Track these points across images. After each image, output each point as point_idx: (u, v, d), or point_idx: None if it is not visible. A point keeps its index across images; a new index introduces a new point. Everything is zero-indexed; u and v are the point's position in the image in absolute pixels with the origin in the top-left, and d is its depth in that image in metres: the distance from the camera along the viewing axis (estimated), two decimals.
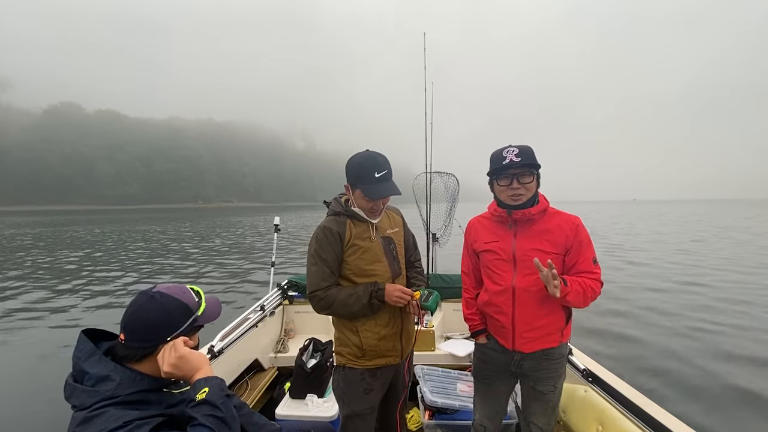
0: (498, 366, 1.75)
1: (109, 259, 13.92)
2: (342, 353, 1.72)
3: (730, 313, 6.55)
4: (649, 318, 6.38)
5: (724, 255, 13.10)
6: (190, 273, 11.37)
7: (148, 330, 1.00)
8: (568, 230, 1.60)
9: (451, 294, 3.49)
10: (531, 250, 1.60)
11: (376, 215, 1.67)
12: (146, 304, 1.02)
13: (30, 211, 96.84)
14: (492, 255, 1.69)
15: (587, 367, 2.20)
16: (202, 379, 0.98)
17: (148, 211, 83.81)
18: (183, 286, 1.12)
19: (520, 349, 1.66)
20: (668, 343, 5.27)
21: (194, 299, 1.11)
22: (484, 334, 1.81)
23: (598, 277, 1.60)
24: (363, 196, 1.60)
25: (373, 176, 1.56)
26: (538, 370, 1.67)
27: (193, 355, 1.01)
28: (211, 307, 1.14)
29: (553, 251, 1.59)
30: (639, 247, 15.59)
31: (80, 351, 0.98)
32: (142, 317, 1.01)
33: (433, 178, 3.79)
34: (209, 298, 1.17)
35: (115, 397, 0.90)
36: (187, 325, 1.05)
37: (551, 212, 1.66)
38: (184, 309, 1.06)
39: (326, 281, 1.62)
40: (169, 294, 1.06)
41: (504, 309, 1.66)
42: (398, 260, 1.76)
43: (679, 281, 9.11)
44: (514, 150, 1.57)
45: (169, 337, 1.02)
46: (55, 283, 9.86)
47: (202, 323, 1.11)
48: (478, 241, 1.75)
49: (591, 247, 1.63)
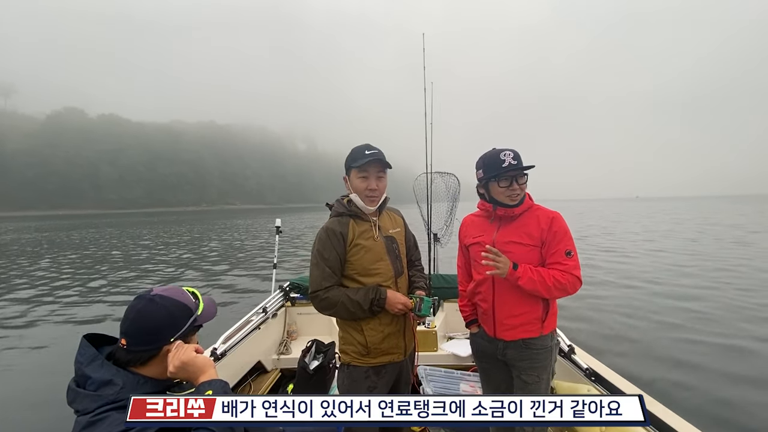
0: (487, 354, 1.87)
1: (114, 262, 13.99)
2: (347, 351, 1.76)
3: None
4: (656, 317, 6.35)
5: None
6: (190, 276, 11.41)
7: (151, 333, 1.01)
8: (543, 223, 1.71)
9: (453, 294, 3.48)
10: (508, 242, 1.73)
11: (373, 199, 1.70)
12: (147, 308, 1.03)
13: (34, 216, 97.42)
14: (477, 247, 1.81)
15: (590, 366, 2.20)
16: (206, 382, 1.00)
17: (152, 215, 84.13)
18: (179, 288, 1.14)
19: (501, 337, 1.77)
20: (672, 342, 5.24)
21: (192, 300, 1.12)
22: (475, 324, 1.95)
23: (569, 269, 1.65)
24: (357, 174, 1.67)
25: (363, 153, 1.65)
26: (521, 360, 1.75)
27: (199, 359, 1.04)
28: (208, 307, 1.16)
29: (529, 243, 1.71)
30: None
31: (82, 356, 0.99)
32: (144, 321, 1.02)
33: (434, 178, 3.78)
34: (205, 298, 1.19)
35: (118, 401, 0.91)
36: (188, 325, 1.07)
37: (534, 208, 1.78)
38: (185, 310, 1.08)
39: (327, 281, 1.65)
40: (168, 296, 1.07)
41: (486, 296, 1.80)
42: (401, 259, 1.81)
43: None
44: (509, 154, 1.70)
45: (173, 337, 1.03)
46: (56, 287, 9.92)
47: (201, 323, 1.13)
48: (468, 236, 1.92)
49: (565, 240, 1.70)
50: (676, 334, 5.51)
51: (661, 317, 6.24)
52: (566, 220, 1.78)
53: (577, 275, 1.67)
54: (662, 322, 5.98)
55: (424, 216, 3.84)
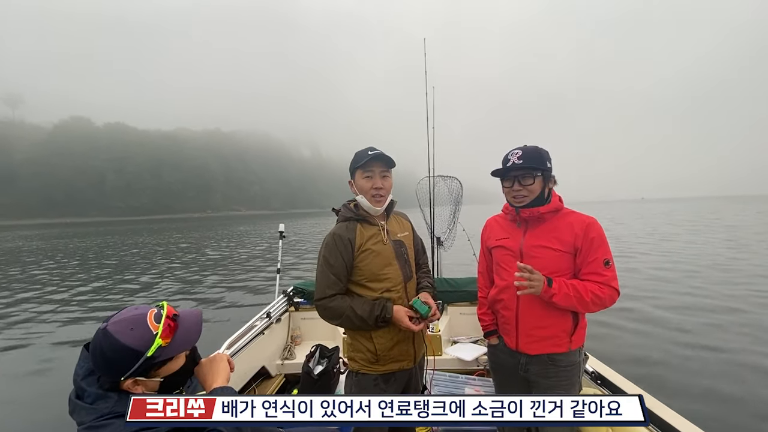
0: (507, 369, 1.76)
1: (122, 268, 14.10)
2: (355, 359, 1.72)
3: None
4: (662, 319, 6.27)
5: None
6: (195, 280, 11.46)
7: (103, 367, 0.96)
8: (578, 229, 1.57)
9: (457, 298, 3.48)
10: (537, 246, 1.61)
11: (379, 199, 1.67)
12: (97, 341, 0.96)
13: (41, 224, 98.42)
14: (502, 251, 1.72)
15: (596, 370, 2.18)
16: (218, 388, 1.02)
17: (158, 222, 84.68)
18: (136, 317, 0.98)
19: (524, 350, 1.66)
20: (676, 343, 5.18)
21: (147, 334, 0.95)
22: (495, 335, 1.82)
23: (607, 281, 1.53)
24: (362, 174, 1.65)
25: (366, 153, 1.64)
26: (546, 377, 1.63)
27: (220, 365, 1.09)
28: (182, 335, 1.02)
29: (560, 249, 1.58)
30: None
31: (80, 368, 0.99)
32: (95, 354, 0.96)
33: (437, 182, 3.80)
34: (187, 318, 1.05)
35: (114, 413, 0.91)
36: (137, 368, 0.94)
37: (565, 212, 1.65)
38: (125, 352, 0.93)
39: (331, 289, 1.62)
40: (112, 333, 0.94)
41: (509, 304, 1.68)
42: (409, 264, 1.78)
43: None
44: (517, 152, 1.62)
45: (123, 377, 0.94)
46: (61, 294, 10.00)
47: (165, 357, 0.98)
48: (491, 238, 1.80)
49: (602, 249, 1.56)
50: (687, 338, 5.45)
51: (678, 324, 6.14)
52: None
53: (615, 287, 1.54)
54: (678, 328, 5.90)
55: (427, 220, 3.85)
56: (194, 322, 1.06)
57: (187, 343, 1.03)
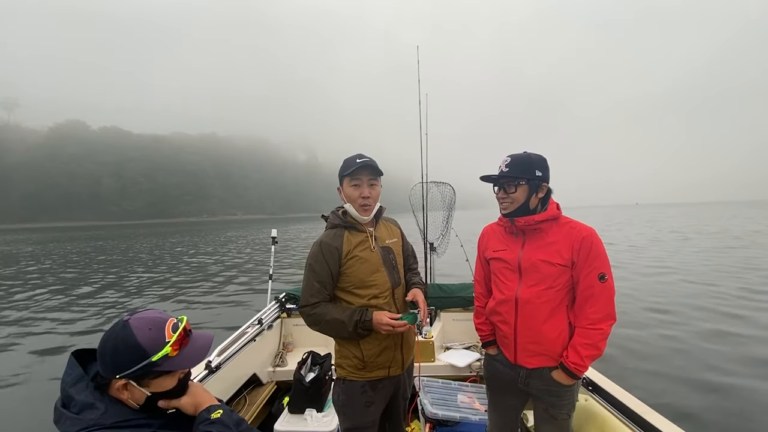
0: (505, 381, 1.73)
1: (119, 274, 13.98)
2: (343, 365, 1.72)
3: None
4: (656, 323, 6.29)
5: None
6: (186, 285, 11.36)
7: (103, 359, 0.95)
8: (575, 241, 1.53)
9: (450, 304, 3.48)
10: (537, 260, 1.57)
11: (366, 208, 1.67)
12: (113, 331, 0.95)
13: (34, 228, 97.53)
14: (500, 263, 1.69)
15: (587, 376, 2.18)
16: (215, 405, 1.02)
17: (153, 226, 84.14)
18: (157, 318, 0.98)
19: (523, 364, 1.63)
20: (673, 351, 5.20)
21: (160, 339, 0.95)
22: (494, 345, 1.79)
23: (593, 323, 1.49)
24: (350, 182, 1.65)
25: (354, 161, 1.64)
26: (548, 394, 1.61)
27: (201, 394, 1.06)
28: (189, 352, 1.01)
29: (559, 263, 1.54)
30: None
31: (68, 375, 0.96)
32: (103, 344, 0.95)
33: (430, 188, 3.80)
34: (198, 339, 1.05)
35: (99, 426, 0.89)
36: (137, 369, 0.92)
37: (563, 222, 1.61)
38: (135, 351, 0.92)
39: (315, 297, 1.63)
40: (132, 327, 0.94)
41: (507, 318, 1.65)
42: (398, 270, 1.77)
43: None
44: (506, 160, 1.61)
45: (118, 375, 0.92)
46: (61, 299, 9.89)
47: (167, 369, 0.97)
48: (489, 249, 1.76)
49: (599, 262, 1.51)
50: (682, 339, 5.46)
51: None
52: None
53: (609, 312, 1.49)
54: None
55: (420, 225, 3.85)
56: (203, 344, 1.05)
57: (190, 362, 1.01)
